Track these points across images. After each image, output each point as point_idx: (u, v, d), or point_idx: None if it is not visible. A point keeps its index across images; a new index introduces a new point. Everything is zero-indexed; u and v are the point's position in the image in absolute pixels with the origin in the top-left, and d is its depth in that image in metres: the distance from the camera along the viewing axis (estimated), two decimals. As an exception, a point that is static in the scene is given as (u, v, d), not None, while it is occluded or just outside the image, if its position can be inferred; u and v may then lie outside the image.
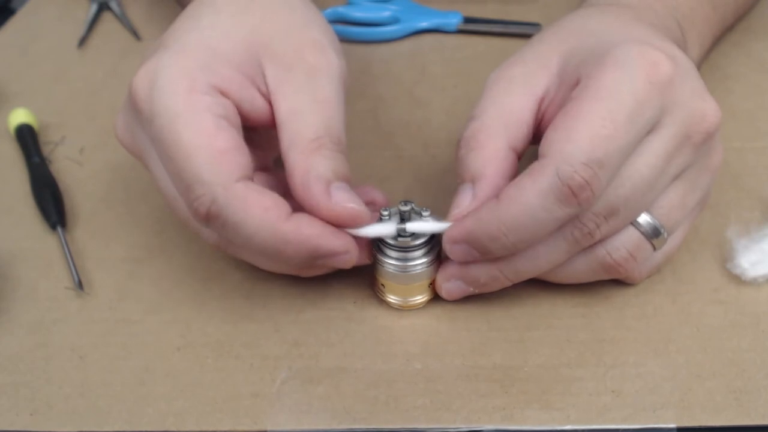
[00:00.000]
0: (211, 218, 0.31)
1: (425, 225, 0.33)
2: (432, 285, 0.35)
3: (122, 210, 0.42)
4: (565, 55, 0.33)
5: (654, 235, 0.33)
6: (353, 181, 0.32)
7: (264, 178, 0.36)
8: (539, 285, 0.36)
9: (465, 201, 0.32)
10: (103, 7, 0.62)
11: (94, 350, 0.35)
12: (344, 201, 0.31)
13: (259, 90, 0.34)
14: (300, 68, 0.34)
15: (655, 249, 0.33)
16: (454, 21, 0.57)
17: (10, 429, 0.32)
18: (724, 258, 0.37)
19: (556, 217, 0.30)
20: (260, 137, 0.37)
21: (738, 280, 0.36)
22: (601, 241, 0.32)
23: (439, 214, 0.34)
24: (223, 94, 0.33)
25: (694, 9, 0.42)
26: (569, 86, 0.32)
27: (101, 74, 0.55)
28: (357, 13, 0.58)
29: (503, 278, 0.33)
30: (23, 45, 0.59)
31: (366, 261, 0.35)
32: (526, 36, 0.56)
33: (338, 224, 0.32)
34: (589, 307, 0.36)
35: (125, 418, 0.32)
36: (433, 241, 0.34)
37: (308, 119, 0.33)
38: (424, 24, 0.57)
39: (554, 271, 0.34)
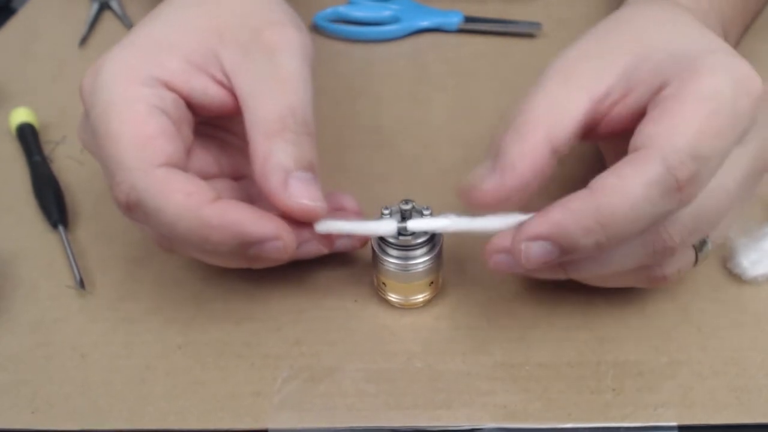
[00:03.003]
0: (131, 206, 0.30)
1: (427, 222, 0.33)
2: (433, 284, 0.35)
3: (123, 209, 0.42)
4: (636, 56, 0.31)
5: (700, 248, 0.32)
6: (354, 181, 0.32)
7: (233, 186, 0.36)
8: (540, 284, 0.36)
9: (490, 180, 0.30)
10: (103, 6, 0.62)
11: (95, 349, 0.35)
12: (299, 196, 0.30)
13: (214, 78, 0.33)
14: (257, 48, 0.33)
15: (696, 263, 0.33)
16: (454, 20, 0.57)
17: (11, 427, 0.32)
18: (725, 257, 0.37)
19: (656, 212, 0.28)
20: (240, 141, 0.37)
21: (738, 279, 0.36)
22: None
23: (440, 214, 0.33)
24: (168, 86, 0.32)
25: (733, 18, 0.42)
26: (649, 89, 0.30)
27: (102, 73, 0.54)
28: (357, 13, 0.58)
29: (561, 271, 0.32)
30: (24, 44, 0.59)
31: (323, 251, 0.34)
32: (527, 35, 0.56)
33: (293, 219, 0.31)
34: (591, 305, 0.36)
35: (126, 416, 0.32)
36: (434, 240, 0.34)
37: (269, 99, 0.31)
38: (424, 23, 0.57)
39: None
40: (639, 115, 0.31)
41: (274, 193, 0.30)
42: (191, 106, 0.33)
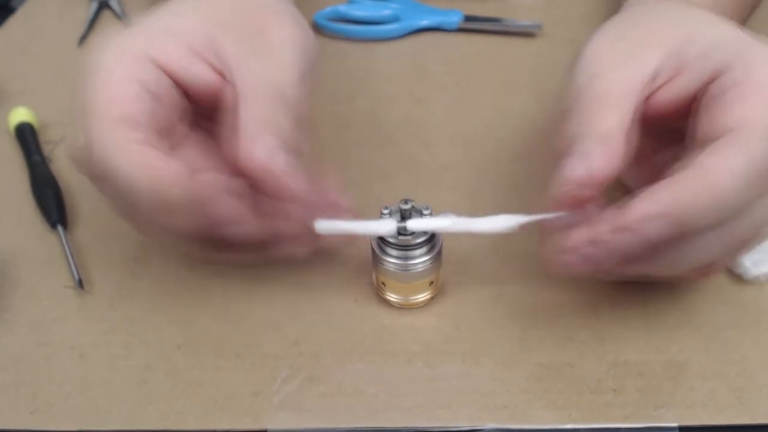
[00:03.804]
0: (85, 164, 0.31)
1: (427, 222, 0.33)
2: (432, 283, 0.35)
3: (123, 209, 0.42)
4: (679, 39, 0.31)
5: None
6: (353, 180, 0.32)
7: (225, 180, 0.36)
8: (541, 283, 0.36)
9: (597, 160, 0.29)
10: (103, 5, 0.62)
11: (94, 349, 0.35)
12: (268, 155, 0.30)
13: (212, 67, 0.33)
14: (260, 42, 0.33)
15: None
16: (454, 19, 0.57)
17: (10, 428, 0.32)
18: (726, 257, 0.37)
19: (749, 196, 0.28)
20: None
21: (740, 279, 0.36)
22: None
23: (440, 213, 0.33)
24: (164, 69, 0.32)
25: (733, 11, 0.42)
26: (700, 74, 0.30)
27: (101, 73, 0.54)
28: (358, 12, 0.58)
29: (634, 266, 0.31)
30: (23, 43, 0.58)
31: (303, 251, 0.34)
32: (527, 35, 0.56)
33: (255, 176, 0.31)
34: (591, 305, 0.35)
35: (126, 416, 0.32)
36: (434, 240, 0.34)
37: (266, 92, 0.32)
38: (424, 22, 0.57)
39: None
40: (685, 101, 0.31)
41: (248, 150, 0.30)
42: (188, 93, 0.33)
